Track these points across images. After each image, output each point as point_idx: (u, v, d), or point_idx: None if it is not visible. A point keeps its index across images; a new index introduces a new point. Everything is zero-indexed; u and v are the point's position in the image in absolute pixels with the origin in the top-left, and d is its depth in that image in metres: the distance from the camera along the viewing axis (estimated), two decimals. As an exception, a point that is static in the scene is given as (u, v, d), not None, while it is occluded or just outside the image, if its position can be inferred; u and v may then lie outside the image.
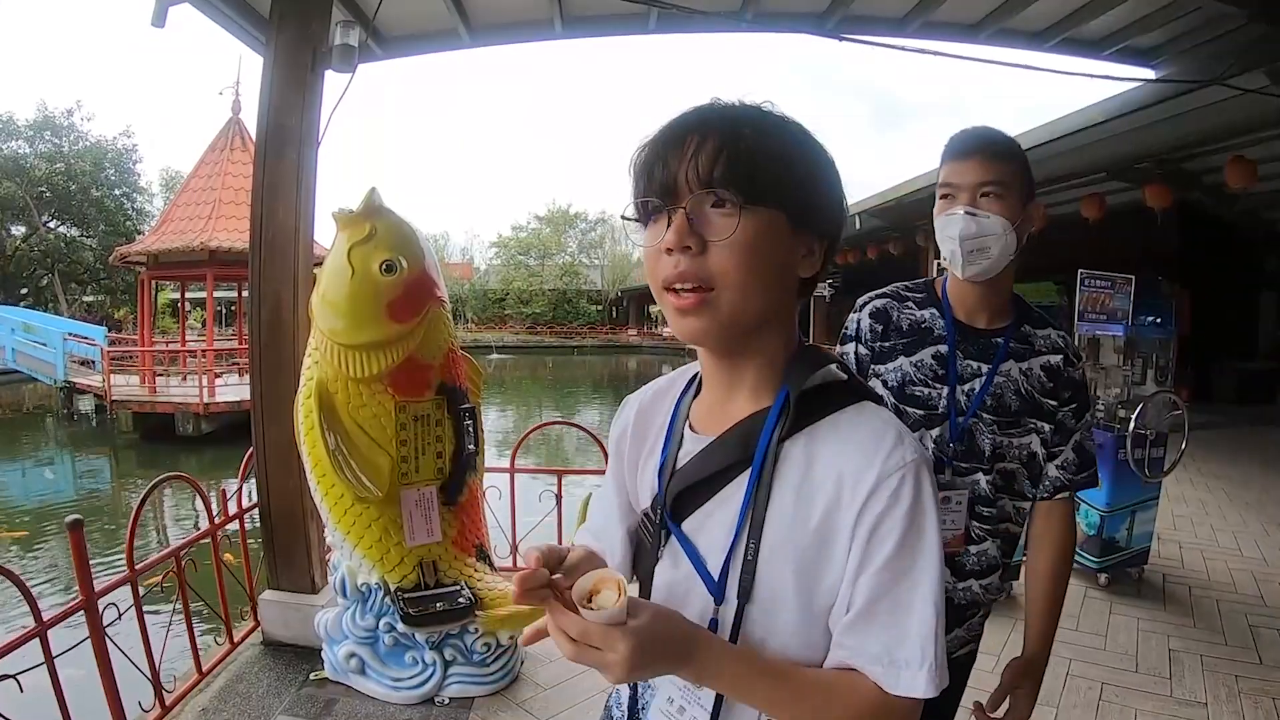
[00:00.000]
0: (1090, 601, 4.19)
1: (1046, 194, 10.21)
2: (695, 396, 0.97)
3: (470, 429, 3.07)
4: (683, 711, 0.89)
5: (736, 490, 0.86)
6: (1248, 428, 10.19)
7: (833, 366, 0.88)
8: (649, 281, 0.84)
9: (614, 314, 54.56)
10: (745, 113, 0.83)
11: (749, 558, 0.83)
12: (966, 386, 1.51)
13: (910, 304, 1.59)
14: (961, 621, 1.60)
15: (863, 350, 1.59)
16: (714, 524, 0.87)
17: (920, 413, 1.53)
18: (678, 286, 0.80)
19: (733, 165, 0.78)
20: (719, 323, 0.81)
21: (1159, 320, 4.89)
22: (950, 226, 1.42)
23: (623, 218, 0.86)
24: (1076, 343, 1.55)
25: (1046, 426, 1.53)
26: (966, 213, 1.39)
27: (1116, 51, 5.16)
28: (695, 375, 0.98)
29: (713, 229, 0.78)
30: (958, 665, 1.53)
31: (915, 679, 0.77)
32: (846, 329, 1.63)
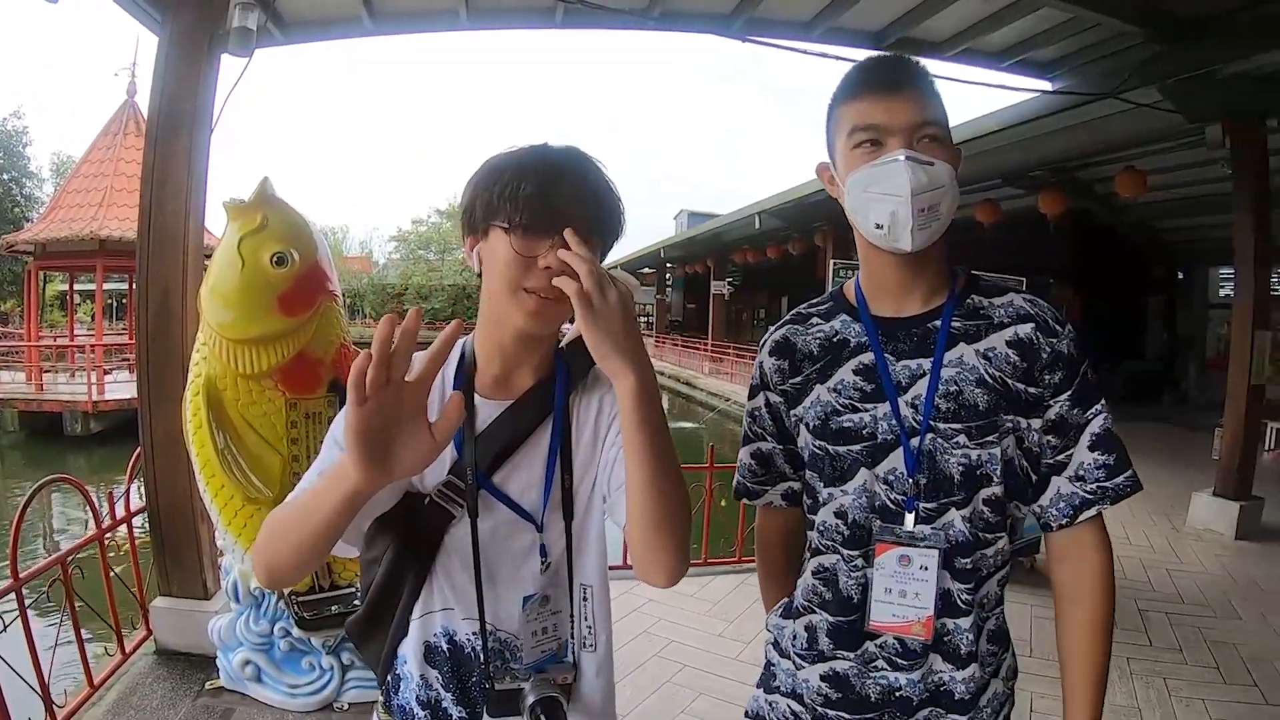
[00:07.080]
0: (985, 590, 4.35)
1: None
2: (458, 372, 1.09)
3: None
4: None
5: (541, 437, 1.07)
6: (1136, 424, 10.75)
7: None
8: (503, 281, 0.98)
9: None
10: (586, 160, 1.02)
11: (567, 485, 1.07)
12: (910, 395, 1.13)
13: (815, 320, 1.24)
14: None
15: (774, 397, 1.24)
16: (523, 469, 1.07)
17: (858, 448, 1.15)
18: (544, 294, 0.97)
19: (601, 207, 1.00)
20: (560, 321, 1.03)
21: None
22: (890, 179, 1.06)
23: (494, 224, 0.98)
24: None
25: (1030, 423, 1.13)
26: (909, 159, 1.04)
27: (1016, 63, 5.39)
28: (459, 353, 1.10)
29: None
30: None
31: None
32: (752, 379, 1.29)
